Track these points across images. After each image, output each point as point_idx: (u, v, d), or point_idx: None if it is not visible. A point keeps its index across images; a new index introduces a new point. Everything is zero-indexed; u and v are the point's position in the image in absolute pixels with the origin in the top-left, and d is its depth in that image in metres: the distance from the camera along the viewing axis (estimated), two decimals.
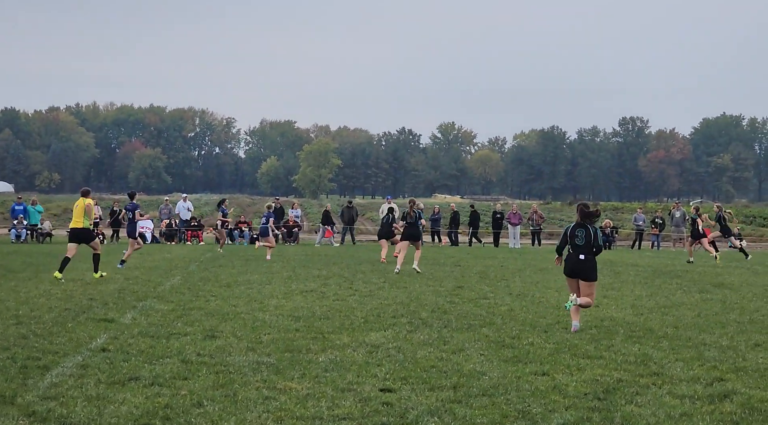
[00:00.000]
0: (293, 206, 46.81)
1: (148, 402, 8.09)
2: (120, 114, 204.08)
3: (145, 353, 10.60)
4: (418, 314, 14.55)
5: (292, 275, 22.12)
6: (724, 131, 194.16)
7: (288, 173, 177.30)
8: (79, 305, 15.09)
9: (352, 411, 7.85)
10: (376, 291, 18.21)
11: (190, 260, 27.95)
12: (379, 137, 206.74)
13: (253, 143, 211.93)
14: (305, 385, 8.89)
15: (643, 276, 23.01)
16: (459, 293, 18.11)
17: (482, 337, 12.15)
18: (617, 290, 19.08)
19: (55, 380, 8.95)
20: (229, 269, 23.83)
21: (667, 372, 9.77)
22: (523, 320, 14.02)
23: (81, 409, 7.77)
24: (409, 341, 11.77)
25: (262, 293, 17.54)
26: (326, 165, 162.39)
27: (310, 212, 70.35)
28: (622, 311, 15.29)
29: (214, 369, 9.61)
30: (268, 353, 10.71)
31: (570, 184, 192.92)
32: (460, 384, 9.00)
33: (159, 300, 16.16)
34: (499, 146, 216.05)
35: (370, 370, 9.64)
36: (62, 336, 11.83)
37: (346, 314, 14.44)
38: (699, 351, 11.21)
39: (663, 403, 8.26)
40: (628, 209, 73.81)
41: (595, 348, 11.36)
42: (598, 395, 8.57)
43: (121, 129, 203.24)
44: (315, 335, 12.18)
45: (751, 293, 19.00)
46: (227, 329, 12.64)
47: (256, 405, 8.01)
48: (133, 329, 12.51)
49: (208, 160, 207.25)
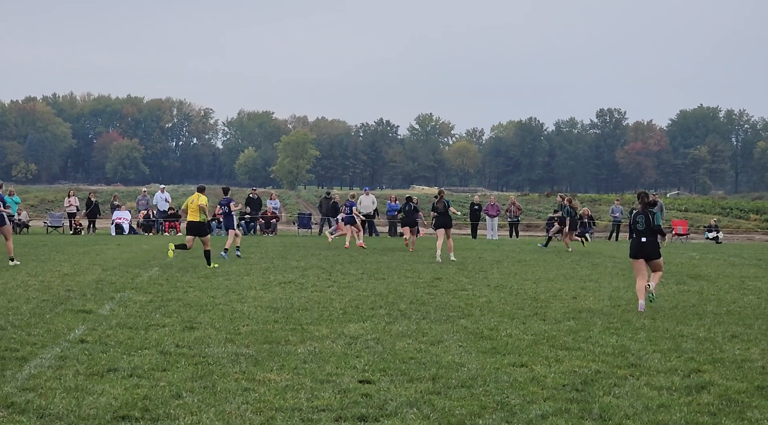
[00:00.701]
0: (271, 197, 46.71)
1: (126, 393, 8.07)
2: (97, 104, 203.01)
3: (123, 344, 10.57)
4: (397, 305, 14.57)
5: (271, 266, 22.08)
6: (701, 123, 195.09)
7: (266, 164, 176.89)
8: (56, 296, 15.03)
9: (331, 403, 7.86)
10: (354, 283, 18.21)
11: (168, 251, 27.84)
12: (357, 128, 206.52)
13: (231, 133, 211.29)
14: (284, 377, 8.89)
15: (620, 268, 23.11)
16: (437, 284, 18.13)
17: (460, 329, 12.18)
18: (595, 282, 19.16)
19: (34, 371, 8.92)
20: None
21: (644, 363, 9.82)
22: (502, 311, 14.06)
23: (60, 400, 7.75)
24: (387, 332, 11.78)
25: (240, 285, 17.52)
26: (304, 156, 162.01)
27: (288, 204, 70.26)
28: (600, 303, 15.36)
29: (193, 361, 9.60)
30: (247, 344, 10.71)
31: (547, 175, 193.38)
32: (439, 375, 9.03)
33: (137, 291, 16.11)
34: (476, 137, 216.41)
35: (349, 362, 9.66)
36: (40, 327, 11.78)
37: (325, 305, 14.45)
38: (676, 342, 11.28)
39: (641, 394, 8.32)
40: (606, 201, 74.20)
41: (573, 339, 11.41)
42: (576, 386, 8.62)
43: (98, 120, 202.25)
44: (294, 326, 12.18)
45: (728, 284, 19.12)
46: (206, 320, 12.62)
47: (235, 397, 8.01)
48: (111, 320, 12.48)
49: (185, 151, 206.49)
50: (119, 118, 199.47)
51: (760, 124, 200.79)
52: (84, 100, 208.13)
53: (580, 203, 31.97)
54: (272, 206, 45.14)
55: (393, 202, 46.03)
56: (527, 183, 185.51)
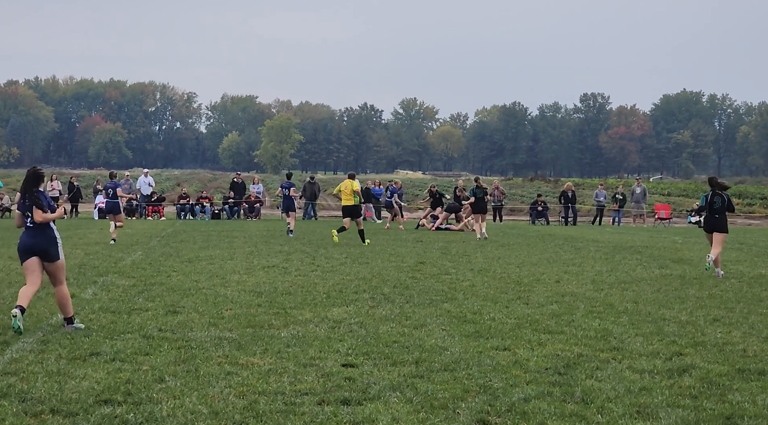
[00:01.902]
0: (255, 182, 46.64)
1: (109, 377, 8.05)
2: (80, 88, 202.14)
3: (106, 328, 10.54)
4: (381, 289, 14.57)
5: (254, 250, 22.05)
6: (684, 107, 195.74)
7: (249, 149, 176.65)
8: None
9: (314, 386, 7.86)
10: (338, 267, 18.21)
11: (151, 235, 27.80)
12: (341, 112, 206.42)
13: (215, 118, 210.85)
14: (267, 360, 8.89)
15: (603, 252, 23.19)
16: (421, 268, 18.15)
17: (444, 312, 12.20)
18: (578, 266, 19.21)
19: (16, 355, 8.89)
20: (191, 245, 23.72)
21: (626, 346, 9.86)
22: (485, 295, 14.08)
23: (42, 384, 7.73)
24: (371, 316, 11.79)
25: (224, 269, 17.49)
26: (288, 141, 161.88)
27: (271, 188, 70.13)
28: (583, 287, 15.40)
29: (176, 345, 9.58)
30: (230, 328, 10.70)
31: (531, 160, 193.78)
32: (422, 359, 9.04)
33: (120, 276, 16.07)
34: (461, 122, 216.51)
35: (333, 345, 9.66)
36: None
37: (309, 289, 14.44)
38: (658, 325, 11.32)
39: (623, 378, 8.34)
40: (589, 185, 74.28)
41: (555, 323, 11.44)
42: (559, 370, 8.64)
43: (81, 103, 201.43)
44: (277, 310, 12.18)
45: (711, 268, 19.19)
46: (189, 304, 12.60)
47: (218, 381, 8.00)
48: (93, 304, 12.45)
49: (169, 135, 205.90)
50: (102, 102, 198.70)
51: (743, 108, 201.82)
52: (66, 83, 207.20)
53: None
54: (256, 190, 45.07)
55: (377, 186, 45.98)
56: (511, 168, 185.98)
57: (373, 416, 6.97)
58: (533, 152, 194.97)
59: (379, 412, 7.08)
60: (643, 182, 50.94)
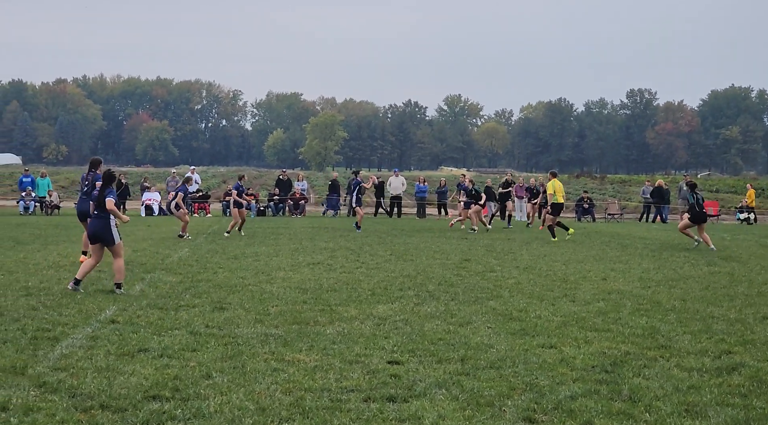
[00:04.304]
0: (299, 179, 46.77)
1: (157, 373, 8.12)
2: (127, 86, 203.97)
3: (153, 325, 10.64)
4: (425, 287, 14.56)
5: (299, 247, 22.13)
6: (733, 103, 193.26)
7: (294, 146, 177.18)
8: (88, 277, 15.10)
9: (360, 383, 7.87)
10: (383, 264, 18.22)
11: (198, 232, 27.99)
12: (385, 109, 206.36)
13: (260, 115, 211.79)
14: (313, 357, 8.91)
15: (650, 249, 23.00)
16: (466, 266, 18.11)
17: (489, 310, 12.17)
18: (625, 263, 19.07)
19: (65, 351, 8.99)
20: (237, 242, 23.85)
21: (674, 344, 9.77)
22: (530, 293, 14.03)
23: (91, 380, 7.81)
24: (416, 313, 11.79)
25: (269, 266, 17.57)
26: (332, 137, 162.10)
27: (316, 185, 70.30)
28: (630, 284, 15.29)
29: (223, 341, 9.64)
30: (276, 325, 10.74)
31: (577, 156, 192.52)
32: (468, 356, 9.02)
33: (167, 272, 16.20)
34: (505, 118, 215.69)
35: (378, 342, 9.67)
36: (71, 307, 11.88)
37: (354, 286, 14.47)
38: (707, 323, 11.21)
39: (671, 376, 8.27)
40: (636, 182, 73.66)
41: (602, 321, 11.36)
42: (606, 368, 8.59)
43: (128, 101, 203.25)
44: (322, 307, 12.21)
45: (759, 265, 18.98)
46: (235, 301, 12.67)
47: (265, 377, 8.04)
48: (141, 301, 12.56)
49: (214, 132, 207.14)
50: (149, 100, 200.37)
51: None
52: (114, 82, 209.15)
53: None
54: (300, 187, 45.19)
55: (422, 183, 45.96)
56: (556, 164, 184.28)
57: (418, 413, 6.97)
58: (579, 149, 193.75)
59: (425, 409, 7.07)
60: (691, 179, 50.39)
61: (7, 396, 7.27)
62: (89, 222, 14.12)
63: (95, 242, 13.90)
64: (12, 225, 30.91)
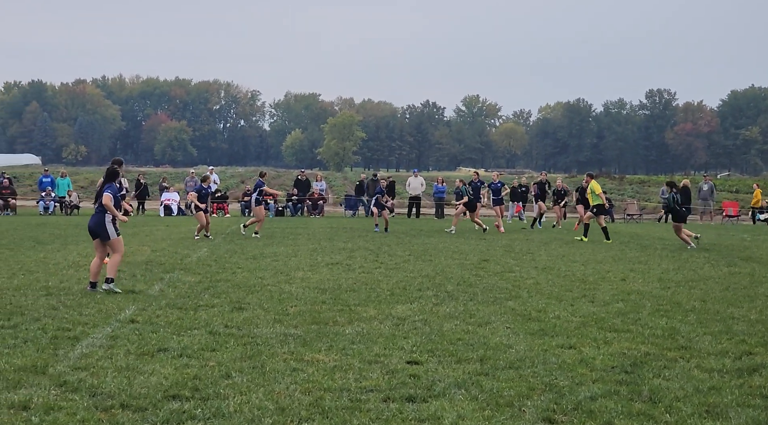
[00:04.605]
0: (318, 179, 46.82)
1: (177, 373, 8.14)
2: (146, 87, 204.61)
3: (173, 324, 10.67)
4: (444, 287, 14.56)
5: (318, 247, 22.15)
6: (753, 103, 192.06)
7: (312, 146, 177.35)
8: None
9: (379, 383, 7.87)
10: (401, 264, 18.21)
11: (217, 232, 28.04)
12: (403, 109, 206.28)
13: (278, 115, 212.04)
14: (332, 357, 8.92)
15: (670, 250, 22.91)
16: (484, 266, 18.09)
17: (508, 310, 12.15)
18: (644, 264, 19.01)
19: (86, 351, 9.03)
20: (255, 242, 23.89)
21: (694, 345, 9.74)
22: (549, 293, 14.00)
23: (111, 379, 7.84)
24: (435, 314, 11.78)
25: (288, 266, 17.59)
26: (350, 138, 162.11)
27: (334, 185, 70.35)
28: (649, 285, 15.24)
29: (242, 341, 9.66)
30: (295, 325, 10.76)
31: (596, 157, 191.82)
32: (487, 356, 9.01)
33: (186, 272, 16.25)
34: (524, 118, 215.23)
35: (397, 342, 9.67)
36: (91, 307, 11.93)
37: (372, 286, 14.47)
38: (727, 324, 11.16)
39: (691, 377, 8.24)
40: (655, 183, 73.37)
41: (622, 321, 11.33)
42: (626, 368, 8.56)
43: (146, 102, 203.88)
44: (341, 307, 12.22)
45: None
46: (254, 301, 12.70)
47: (284, 377, 8.05)
48: (160, 300, 12.60)
49: (233, 133, 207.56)
50: (167, 100, 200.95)
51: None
52: (133, 82, 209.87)
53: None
54: (319, 187, 45.24)
55: (440, 184, 45.96)
56: (575, 165, 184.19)
57: (438, 413, 6.97)
58: (597, 149, 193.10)
59: (445, 409, 7.07)
60: (710, 179, 50.18)
61: (29, 395, 7.31)
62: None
63: (94, 237, 14.09)
64: (32, 225, 31.07)
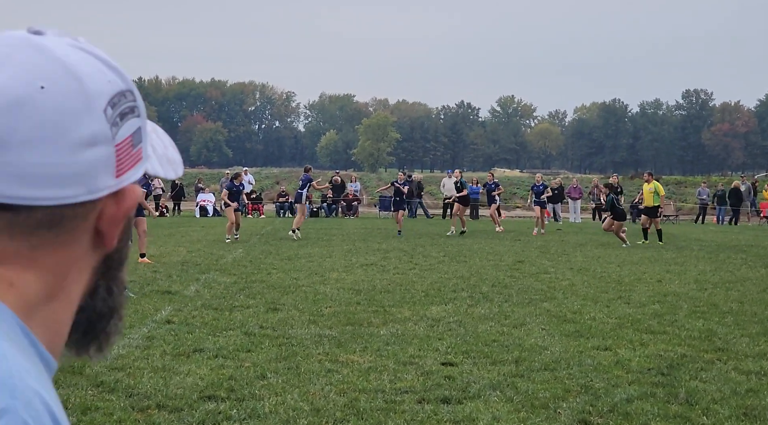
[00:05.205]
0: (352, 180, 46.89)
1: (212, 373, 8.18)
2: (182, 88, 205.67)
3: (208, 325, 10.72)
4: (479, 288, 14.53)
5: (352, 248, 22.18)
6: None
7: (347, 147, 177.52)
8: (143, 277, 15.29)
9: (414, 385, 7.87)
10: (436, 265, 18.20)
11: (252, 233, 28.15)
12: (438, 110, 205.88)
13: (313, 116, 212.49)
14: (367, 358, 8.93)
15: (707, 251, 22.74)
16: (519, 267, 18.04)
17: (543, 312, 12.11)
18: (681, 265, 18.88)
19: (122, 351, 9.09)
20: (290, 242, 23.96)
21: (732, 347, 9.66)
22: (585, 294, 13.94)
23: (147, 380, 7.89)
24: (470, 315, 11.77)
25: (322, 267, 17.63)
26: (385, 139, 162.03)
27: (369, 186, 70.43)
28: (686, 286, 15.13)
29: (277, 342, 9.69)
30: (330, 326, 10.78)
31: (632, 158, 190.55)
32: (522, 358, 8.99)
33: (221, 273, 16.32)
34: (559, 119, 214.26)
35: (432, 344, 9.66)
36: (128, 308, 11.96)
37: (407, 287, 14.47)
38: (765, 326, 11.07)
39: (728, 379, 8.18)
40: (692, 183, 72.82)
41: (658, 323, 11.26)
42: (662, 370, 8.51)
43: (182, 103, 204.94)
44: (376, 308, 12.23)
45: None
46: (289, 301, 12.74)
47: (319, 378, 8.07)
48: (196, 301, 12.67)
49: (268, 134, 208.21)
50: (203, 101, 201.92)
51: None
52: (169, 84, 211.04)
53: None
54: (353, 188, 45.30)
55: (475, 185, 45.84)
56: (611, 165, 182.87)
57: (473, 415, 6.95)
58: (633, 150, 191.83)
59: (480, 411, 7.06)
60: (748, 180, 49.72)
61: (66, 395, 7.37)
62: None
63: None
64: None
